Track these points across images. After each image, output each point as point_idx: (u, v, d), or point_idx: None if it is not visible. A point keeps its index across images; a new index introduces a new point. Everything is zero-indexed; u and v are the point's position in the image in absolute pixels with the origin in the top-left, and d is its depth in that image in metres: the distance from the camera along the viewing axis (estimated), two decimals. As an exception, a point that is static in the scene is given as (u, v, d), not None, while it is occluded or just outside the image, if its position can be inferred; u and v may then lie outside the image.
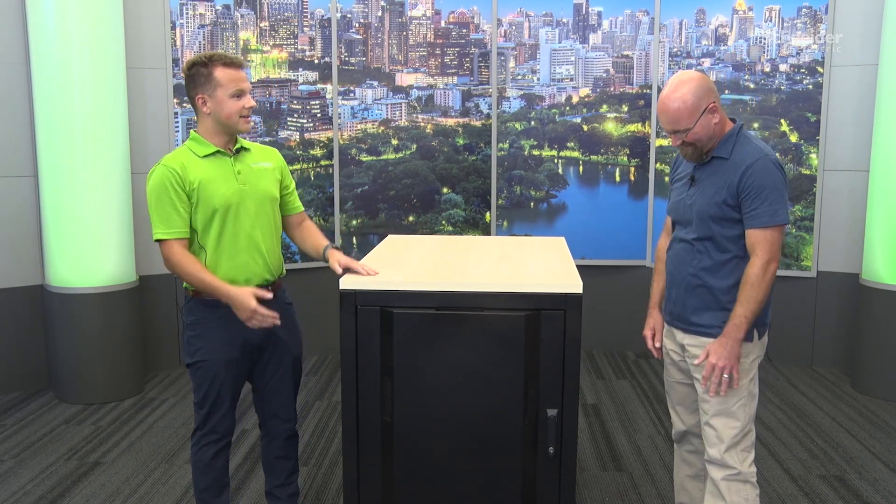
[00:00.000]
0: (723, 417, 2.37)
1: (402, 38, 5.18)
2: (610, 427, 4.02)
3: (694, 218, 2.39)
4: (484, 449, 2.25)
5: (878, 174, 4.44)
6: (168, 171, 2.41)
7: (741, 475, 2.36)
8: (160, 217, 2.43)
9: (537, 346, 2.20)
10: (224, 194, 2.46)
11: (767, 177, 2.26)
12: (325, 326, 4.65)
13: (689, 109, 2.27)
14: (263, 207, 2.55)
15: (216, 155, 2.49)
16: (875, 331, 4.47)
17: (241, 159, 2.54)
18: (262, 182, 2.56)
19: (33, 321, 4.49)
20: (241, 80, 2.46)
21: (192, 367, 2.57)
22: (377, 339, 2.23)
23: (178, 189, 2.41)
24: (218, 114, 2.45)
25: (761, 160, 2.27)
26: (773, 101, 4.97)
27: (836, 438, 3.88)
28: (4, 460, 3.59)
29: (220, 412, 2.58)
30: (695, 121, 2.28)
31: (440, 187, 5.22)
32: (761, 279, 2.27)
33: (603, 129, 5.22)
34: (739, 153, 2.31)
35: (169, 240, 2.43)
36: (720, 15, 5.08)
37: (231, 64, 2.45)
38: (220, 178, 2.47)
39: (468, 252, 2.76)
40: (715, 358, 2.30)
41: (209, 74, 2.43)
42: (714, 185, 2.34)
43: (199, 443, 2.63)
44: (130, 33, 4.48)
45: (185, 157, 2.46)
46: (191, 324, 2.54)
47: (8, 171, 4.37)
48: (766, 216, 2.26)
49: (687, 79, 2.30)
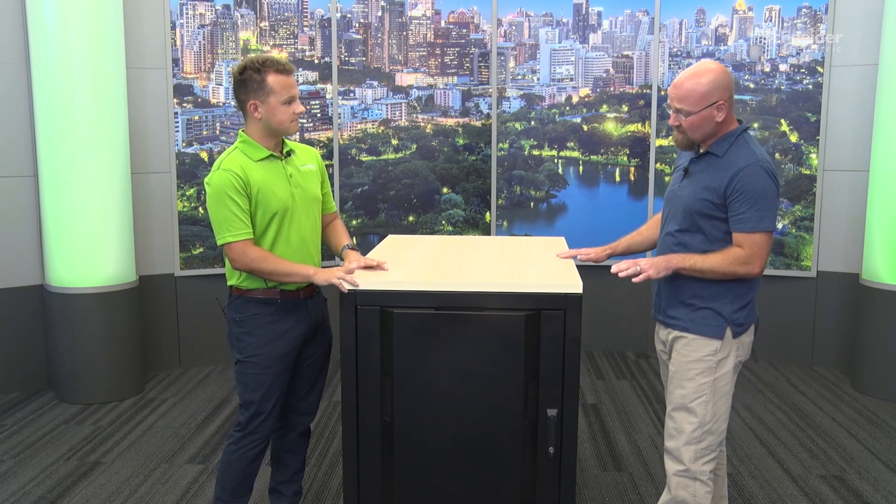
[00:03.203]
0: (682, 411, 2.37)
1: (402, 38, 5.18)
2: (610, 427, 4.02)
3: (679, 210, 2.40)
4: (484, 449, 2.26)
5: (878, 174, 4.44)
6: (230, 176, 2.43)
7: (689, 472, 2.35)
8: (225, 221, 2.44)
9: (537, 346, 2.20)
10: (281, 198, 2.50)
11: (757, 182, 2.24)
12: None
13: (700, 94, 2.27)
14: (312, 209, 2.61)
15: (270, 159, 2.52)
16: (875, 331, 4.46)
17: (291, 162, 2.58)
18: (310, 184, 2.61)
19: (33, 321, 4.49)
20: (293, 87, 2.49)
21: (241, 364, 2.58)
22: (377, 339, 2.23)
23: (242, 192, 2.43)
24: (269, 119, 2.48)
25: (752, 165, 2.25)
26: (773, 101, 4.97)
27: (836, 438, 3.88)
28: (4, 460, 3.59)
29: (267, 411, 2.58)
30: (700, 108, 2.28)
31: (440, 187, 5.22)
32: (735, 264, 2.26)
33: (603, 129, 5.22)
34: (733, 155, 2.30)
35: (238, 241, 2.44)
36: (720, 15, 5.08)
37: (283, 71, 2.47)
38: (275, 181, 2.50)
39: (468, 252, 2.76)
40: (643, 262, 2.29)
41: (262, 81, 2.45)
42: (702, 181, 2.34)
43: (240, 443, 2.61)
44: (130, 33, 4.48)
45: (241, 160, 2.48)
46: (240, 321, 2.56)
47: (8, 171, 4.37)
48: (753, 221, 2.25)
49: (711, 68, 2.30)
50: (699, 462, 2.35)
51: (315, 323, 2.66)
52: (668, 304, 2.44)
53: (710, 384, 2.35)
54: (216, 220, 2.46)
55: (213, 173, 2.47)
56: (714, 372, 2.35)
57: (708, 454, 2.36)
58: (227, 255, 2.48)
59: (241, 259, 2.45)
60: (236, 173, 2.43)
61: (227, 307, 2.62)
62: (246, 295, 2.56)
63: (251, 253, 2.45)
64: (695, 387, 2.35)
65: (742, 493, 3.29)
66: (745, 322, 2.38)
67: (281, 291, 2.55)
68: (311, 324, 2.64)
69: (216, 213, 2.45)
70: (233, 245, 2.45)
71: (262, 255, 2.47)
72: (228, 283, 2.61)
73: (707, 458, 2.36)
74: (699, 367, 2.36)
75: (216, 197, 2.44)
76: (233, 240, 2.44)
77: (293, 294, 2.58)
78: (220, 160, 2.50)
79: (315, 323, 2.66)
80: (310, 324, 2.63)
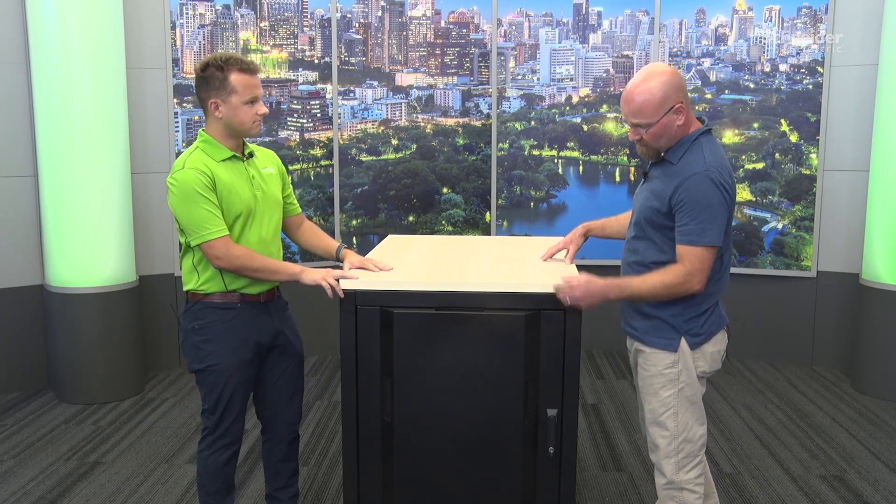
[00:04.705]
0: (654, 426, 2.32)
1: (402, 38, 5.18)
2: (610, 427, 4.02)
3: (634, 216, 2.34)
4: (484, 449, 2.25)
5: (878, 174, 4.44)
6: (198, 174, 2.36)
7: (674, 484, 2.31)
8: (201, 220, 2.36)
9: (537, 346, 2.20)
10: (245, 200, 2.45)
11: (701, 194, 2.12)
12: (325, 326, 4.65)
13: (655, 104, 2.15)
14: (274, 212, 2.56)
15: (232, 160, 2.46)
16: (875, 331, 4.46)
17: (252, 164, 2.53)
18: (272, 187, 2.56)
19: (33, 321, 4.49)
20: (256, 87, 2.42)
21: (201, 372, 2.52)
22: (377, 339, 2.23)
23: (210, 189, 2.37)
24: (231, 119, 2.42)
25: (698, 175, 2.13)
26: (773, 101, 4.97)
27: (836, 438, 3.88)
28: (4, 460, 3.59)
29: (233, 416, 2.55)
30: (658, 117, 2.16)
31: (440, 187, 5.22)
32: (672, 285, 2.16)
33: (603, 129, 5.21)
34: (685, 162, 2.18)
35: (219, 238, 2.38)
36: (720, 15, 5.08)
37: (247, 70, 2.40)
38: (238, 183, 2.45)
39: (468, 252, 2.76)
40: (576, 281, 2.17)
41: (224, 79, 2.38)
42: (655, 187, 2.25)
43: (211, 447, 2.59)
44: (130, 33, 4.48)
45: (204, 159, 2.41)
46: (199, 328, 2.49)
47: (8, 171, 4.37)
48: (694, 234, 2.13)
49: (659, 71, 2.17)
50: (682, 472, 2.30)
51: (276, 328, 2.58)
52: (627, 312, 2.37)
53: (675, 396, 2.27)
54: (189, 220, 2.37)
55: (176, 172, 2.38)
56: (676, 384, 2.26)
57: (689, 462, 2.30)
58: (208, 254, 2.39)
59: (226, 257, 2.38)
60: (203, 171, 2.36)
61: (182, 315, 2.53)
62: (204, 300, 2.48)
63: (235, 250, 2.39)
64: (660, 401, 2.29)
65: (742, 493, 3.28)
66: (704, 332, 2.26)
67: (241, 295, 2.49)
68: (272, 328, 2.57)
69: (188, 213, 2.36)
70: (214, 243, 2.37)
71: (247, 252, 2.41)
72: (185, 289, 2.52)
73: (689, 466, 2.30)
74: (660, 380, 2.28)
75: (185, 196, 2.35)
76: (213, 238, 2.37)
77: (254, 297, 2.52)
78: (181, 159, 2.41)
79: (276, 328, 2.58)
80: (271, 328, 2.56)
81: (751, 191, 5.03)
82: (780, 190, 4.98)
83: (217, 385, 2.50)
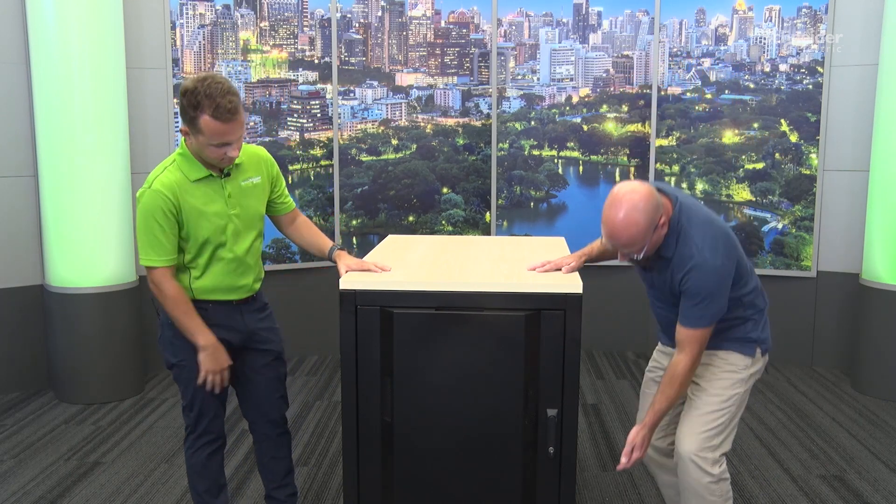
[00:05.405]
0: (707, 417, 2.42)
1: (402, 38, 5.18)
2: (610, 427, 4.02)
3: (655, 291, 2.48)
4: (484, 449, 2.26)
5: (878, 174, 4.44)
6: (160, 198, 2.34)
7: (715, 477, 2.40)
8: (150, 242, 2.38)
9: (537, 346, 2.20)
10: (215, 224, 2.42)
11: (703, 286, 2.25)
12: (325, 326, 4.65)
13: (643, 232, 2.20)
14: (252, 227, 2.53)
15: (208, 179, 2.42)
16: (875, 331, 4.46)
17: (232, 178, 2.47)
18: (251, 201, 2.51)
19: (33, 321, 4.49)
20: (227, 134, 2.28)
21: (175, 367, 2.54)
22: (377, 339, 2.23)
23: (171, 216, 2.36)
24: (198, 152, 2.38)
25: (694, 269, 2.25)
26: (773, 101, 4.97)
27: (836, 438, 3.88)
28: (4, 460, 3.59)
29: (211, 413, 2.57)
30: (647, 239, 2.23)
31: (440, 187, 5.22)
32: (683, 377, 2.34)
33: (603, 129, 5.22)
34: (679, 255, 2.29)
35: (159, 268, 2.40)
36: (720, 15, 5.08)
37: (220, 117, 2.25)
38: (211, 204, 2.41)
39: (468, 252, 2.76)
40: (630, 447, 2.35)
41: (195, 118, 2.27)
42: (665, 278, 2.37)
43: (194, 446, 2.61)
44: (130, 33, 4.48)
45: (177, 178, 2.38)
46: (172, 323, 2.49)
47: (8, 171, 4.37)
48: (694, 319, 2.30)
49: (637, 199, 2.17)
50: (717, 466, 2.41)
51: (249, 328, 2.58)
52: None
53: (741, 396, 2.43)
54: (141, 239, 2.39)
55: (144, 189, 2.38)
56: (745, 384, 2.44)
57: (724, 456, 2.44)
58: (147, 275, 2.43)
59: (158, 288, 2.41)
60: (167, 196, 2.34)
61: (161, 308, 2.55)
62: None
63: (168, 288, 2.41)
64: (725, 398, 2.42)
65: (742, 493, 3.28)
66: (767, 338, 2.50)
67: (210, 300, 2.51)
68: (245, 329, 2.57)
69: (141, 232, 2.38)
70: (153, 270, 2.40)
71: (176, 297, 2.42)
72: None
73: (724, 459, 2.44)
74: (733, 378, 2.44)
75: (144, 217, 2.36)
76: (153, 265, 2.39)
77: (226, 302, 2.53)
78: (156, 172, 2.40)
79: (249, 328, 2.58)
80: (244, 329, 2.57)
81: (751, 191, 5.03)
82: (780, 190, 4.98)
83: (191, 382, 2.52)
